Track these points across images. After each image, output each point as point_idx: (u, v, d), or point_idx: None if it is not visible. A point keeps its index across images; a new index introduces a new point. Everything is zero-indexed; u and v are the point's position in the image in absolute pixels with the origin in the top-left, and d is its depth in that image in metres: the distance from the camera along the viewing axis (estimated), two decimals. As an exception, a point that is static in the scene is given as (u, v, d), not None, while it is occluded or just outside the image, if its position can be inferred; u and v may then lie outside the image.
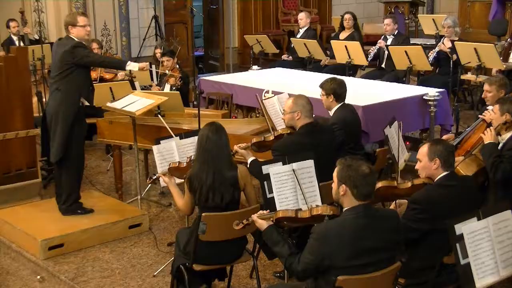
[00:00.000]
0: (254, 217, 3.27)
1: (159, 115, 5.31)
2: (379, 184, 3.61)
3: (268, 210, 3.32)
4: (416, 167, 3.57)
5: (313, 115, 4.38)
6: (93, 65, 5.32)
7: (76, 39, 4.99)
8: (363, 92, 6.12)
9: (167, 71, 7.20)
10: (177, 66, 7.28)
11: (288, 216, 3.24)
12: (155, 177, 4.22)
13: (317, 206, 3.29)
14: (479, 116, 4.65)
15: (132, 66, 5.25)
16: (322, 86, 4.83)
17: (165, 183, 4.10)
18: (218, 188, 3.67)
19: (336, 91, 4.76)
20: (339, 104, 4.80)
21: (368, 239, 2.89)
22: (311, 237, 2.93)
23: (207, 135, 3.71)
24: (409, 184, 3.63)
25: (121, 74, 6.92)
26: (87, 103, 5.12)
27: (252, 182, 3.86)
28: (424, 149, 3.51)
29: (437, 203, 3.34)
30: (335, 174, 3.02)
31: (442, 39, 7.90)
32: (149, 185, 5.87)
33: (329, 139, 4.39)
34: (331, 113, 4.85)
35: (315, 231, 2.93)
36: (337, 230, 2.90)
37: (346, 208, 2.98)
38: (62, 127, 4.97)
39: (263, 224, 3.22)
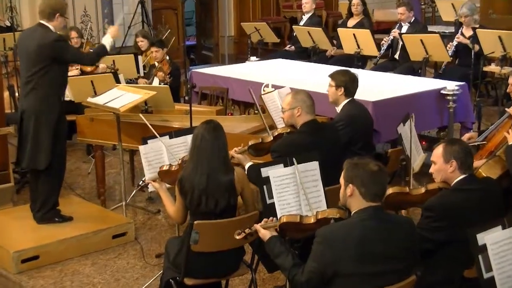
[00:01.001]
0: (257, 226, 3.28)
1: (141, 114, 5.26)
2: (390, 191, 3.62)
3: (272, 218, 3.32)
4: (431, 170, 3.57)
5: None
6: (74, 62, 5.23)
7: (53, 30, 4.97)
8: (373, 86, 6.12)
9: (156, 64, 7.19)
10: (167, 57, 7.28)
11: (293, 221, 3.25)
12: (144, 183, 4.23)
13: (323, 210, 3.30)
14: (506, 109, 4.63)
15: (107, 42, 5.25)
16: (333, 76, 4.85)
17: (155, 189, 4.11)
18: (212, 193, 3.68)
19: (348, 85, 4.79)
20: (348, 99, 4.82)
21: (378, 244, 2.89)
22: (314, 242, 2.94)
23: (202, 133, 3.73)
24: (422, 190, 3.64)
25: (102, 66, 6.92)
26: (66, 98, 5.11)
27: (251, 186, 3.87)
28: (438, 150, 3.51)
29: (454, 210, 3.34)
30: (342, 176, 3.05)
31: (461, 28, 7.90)
32: (135, 190, 5.88)
33: (334, 138, 4.41)
34: (338, 108, 4.86)
35: (319, 234, 2.94)
36: (344, 232, 2.91)
37: (354, 211, 3.00)
38: (46, 132, 4.95)
39: (266, 235, 3.24)
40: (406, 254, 2.98)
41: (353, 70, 5.26)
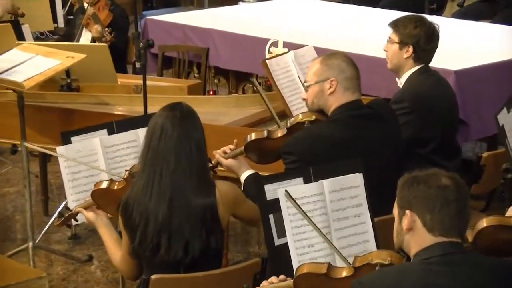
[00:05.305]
0: None
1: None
2: (483, 223, 3.62)
3: (284, 277, 3.34)
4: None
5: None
6: None
7: None
8: (457, 44, 6.17)
9: (85, 5, 7.21)
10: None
11: (317, 273, 3.27)
12: (69, 212, 4.23)
13: (365, 254, 3.34)
14: None
15: None
16: (396, 26, 4.94)
17: (88, 221, 4.13)
18: (178, 230, 3.69)
19: (420, 42, 4.85)
20: (418, 67, 4.87)
21: None
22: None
23: (162, 125, 3.74)
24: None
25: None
26: None
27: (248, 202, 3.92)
28: None
29: None
30: (395, 201, 3.09)
31: None
32: (50, 223, 5.87)
33: (391, 132, 4.40)
34: (401, 81, 4.92)
35: (354, 285, 3.00)
36: (392, 281, 2.95)
37: (415, 252, 3.03)
38: None
39: None
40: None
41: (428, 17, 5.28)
